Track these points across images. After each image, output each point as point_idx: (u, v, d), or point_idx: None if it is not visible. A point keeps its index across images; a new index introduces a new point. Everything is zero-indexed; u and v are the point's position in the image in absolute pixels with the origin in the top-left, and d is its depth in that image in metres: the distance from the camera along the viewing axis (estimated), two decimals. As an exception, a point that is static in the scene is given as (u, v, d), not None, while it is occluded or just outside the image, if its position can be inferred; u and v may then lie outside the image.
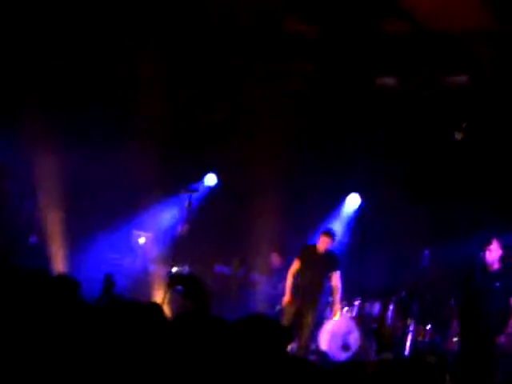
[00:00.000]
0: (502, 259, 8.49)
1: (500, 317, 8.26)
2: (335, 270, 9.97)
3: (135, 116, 11.55)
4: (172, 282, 8.78)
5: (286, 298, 9.85)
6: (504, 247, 8.54)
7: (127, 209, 12.01)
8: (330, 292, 10.44)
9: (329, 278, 10.01)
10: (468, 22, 9.69)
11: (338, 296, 10.00)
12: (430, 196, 11.41)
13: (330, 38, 10.84)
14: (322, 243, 10.04)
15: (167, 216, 12.30)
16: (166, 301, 9.83)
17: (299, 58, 11.01)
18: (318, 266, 9.94)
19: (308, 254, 10.05)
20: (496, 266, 8.49)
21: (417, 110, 11.37)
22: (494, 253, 8.47)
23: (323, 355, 9.97)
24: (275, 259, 11.60)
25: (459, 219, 10.98)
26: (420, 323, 10.03)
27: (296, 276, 9.96)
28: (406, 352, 9.78)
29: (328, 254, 10.06)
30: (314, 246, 10.08)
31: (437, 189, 11.37)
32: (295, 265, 10.03)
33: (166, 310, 9.79)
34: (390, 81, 11.48)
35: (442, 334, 9.75)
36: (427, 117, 11.30)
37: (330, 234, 10.19)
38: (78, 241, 11.38)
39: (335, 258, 10.12)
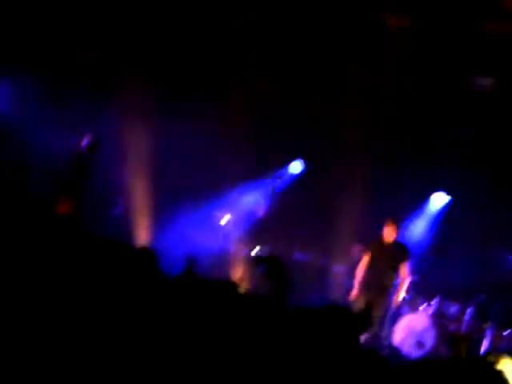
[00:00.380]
0: None
1: None
2: (403, 261, 9.72)
3: (231, 96, 11.61)
4: (257, 260, 8.85)
5: (354, 293, 9.73)
6: None
7: (213, 188, 12.13)
8: (406, 289, 10.36)
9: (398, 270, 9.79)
10: None
11: (403, 286, 9.73)
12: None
13: (429, 33, 10.75)
14: (388, 233, 9.80)
15: (251, 199, 12.36)
16: (247, 278, 9.93)
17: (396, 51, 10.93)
18: (385, 258, 9.72)
19: (376, 247, 9.87)
20: None
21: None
22: None
23: (396, 350, 9.87)
24: (356, 250, 11.51)
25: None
26: (498, 328, 9.84)
27: (365, 270, 9.85)
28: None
29: (396, 244, 9.83)
30: (381, 237, 9.86)
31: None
32: (364, 259, 9.91)
33: (246, 286, 9.88)
34: (486, 81, 11.31)
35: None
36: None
37: (393, 222, 9.91)
38: (162, 215, 11.54)
39: (403, 248, 9.87)
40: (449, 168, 11.44)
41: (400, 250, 9.81)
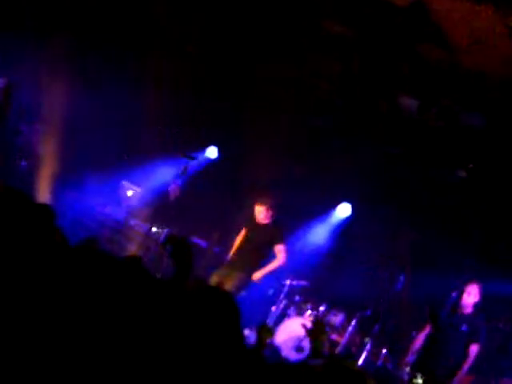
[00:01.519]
0: (476, 305, 8.49)
1: (457, 360, 8.30)
2: (277, 243, 9.52)
3: (151, 66, 11.43)
4: (166, 239, 8.69)
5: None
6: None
7: (123, 158, 11.97)
8: (293, 291, 10.44)
9: (269, 252, 9.59)
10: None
11: (273, 265, 9.54)
12: (418, 223, 11.43)
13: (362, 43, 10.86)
14: (257, 213, 9.60)
15: (160, 176, 12.22)
16: (143, 255, 9.89)
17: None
18: (257, 238, 9.54)
19: (252, 226, 9.66)
20: (469, 310, 8.49)
21: (427, 137, 11.39)
22: (472, 297, 8.45)
23: (275, 351, 9.97)
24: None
25: (443, 254, 11.00)
26: (377, 345, 10.05)
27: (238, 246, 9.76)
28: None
29: (270, 226, 9.61)
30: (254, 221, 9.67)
31: (427, 218, 11.38)
32: (240, 234, 9.81)
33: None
34: (411, 103, 11.49)
35: (395, 361, 9.76)
36: (434, 146, 11.33)
37: (263, 201, 9.61)
38: (69, 177, 11.34)
39: (277, 230, 9.63)
40: (357, 181, 11.60)
41: (273, 232, 9.58)
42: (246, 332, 9.34)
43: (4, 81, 10.83)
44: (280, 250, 9.55)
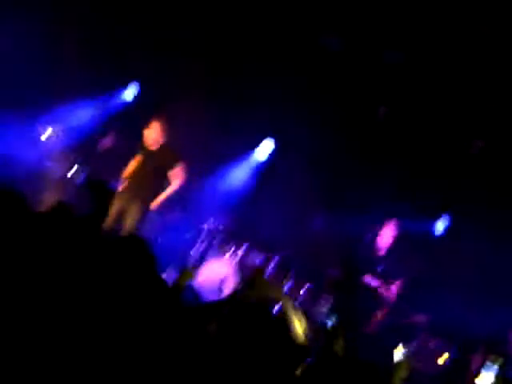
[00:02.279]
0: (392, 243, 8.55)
1: (369, 305, 8.42)
2: (173, 165, 9.08)
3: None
4: (88, 184, 8.43)
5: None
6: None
7: (40, 98, 11.64)
8: (212, 233, 10.41)
9: (165, 177, 9.13)
10: None
11: (168, 190, 9.14)
12: (340, 161, 11.49)
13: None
14: (148, 136, 9.10)
15: (80, 115, 11.95)
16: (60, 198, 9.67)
17: None
18: (151, 164, 9.07)
19: (145, 152, 9.18)
20: (383, 252, 8.57)
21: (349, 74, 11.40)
22: (385, 238, 8.53)
23: (196, 293, 10.00)
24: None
25: (360, 193, 11.10)
26: (297, 284, 10.18)
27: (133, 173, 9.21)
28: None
29: (163, 149, 9.16)
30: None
31: (349, 156, 11.45)
32: (133, 161, 9.25)
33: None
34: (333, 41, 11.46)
35: (313, 300, 9.90)
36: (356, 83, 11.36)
37: (156, 122, 9.13)
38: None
39: (171, 152, 9.18)
40: (277, 121, 11.56)
41: (166, 155, 9.15)
42: (165, 274, 9.32)
43: None
44: (180, 170, 9.12)
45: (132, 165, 9.29)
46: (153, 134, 9.12)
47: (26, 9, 10.91)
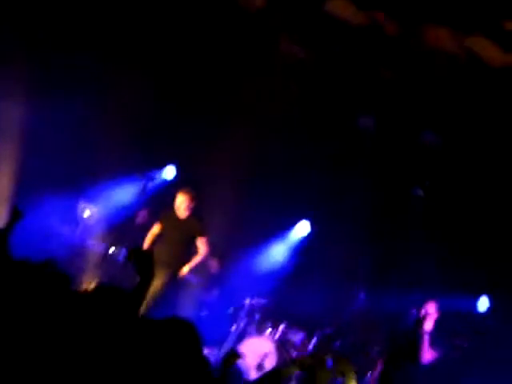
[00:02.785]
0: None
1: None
2: (199, 235, 9.42)
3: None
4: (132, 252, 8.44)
5: None
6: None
7: (81, 177, 11.82)
8: (253, 310, 10.36)
9: (192, 246, 9.46)
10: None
11: (196, 258, 9.50)
12: (380, 240, 11.48)
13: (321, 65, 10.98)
14: (179, 203, 9.40)
15: (118, 195, 12.09)
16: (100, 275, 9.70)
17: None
18: (177, 233, 9.39)
19: (169, 220, 9.47)
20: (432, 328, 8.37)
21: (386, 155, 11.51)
22: (428, 323, 8.35)
23: (235, 368, 9.89)
24: (214, 264, 11.46)
25: (402, 271, 11.04)
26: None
27: (155, 243, 9.53)
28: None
29: (189, 218, 9.45)
30: (174, 210, 9.48)
31: (388, 235, 11.45)
32: (154, 229, 9.58)
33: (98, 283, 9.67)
34: (368, 121, 11.62)
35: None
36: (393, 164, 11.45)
37: (187, 191, 9.48)
38: (24, 197, 11.16)
39: (198, 223, 9.53)
40: (316, 199, 11.63)
41: (194, 225, 9.47)
42: (206, 351, 9.23)
43: None
44: (202, 243, 9.47)
45: (152, 233, 9.55)
46: (185, 201, 9.39)
47: (69, 90, 11.23)
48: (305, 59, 11.23)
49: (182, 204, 9.40)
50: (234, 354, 5.64)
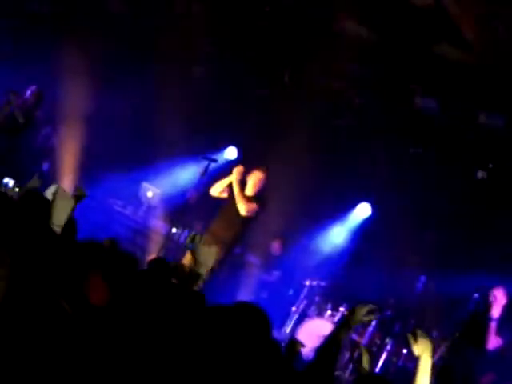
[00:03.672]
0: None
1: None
2: (256, 202, 8.79)
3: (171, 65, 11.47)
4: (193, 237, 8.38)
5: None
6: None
7: (144, 158, 12.02)
8: (313, 291, 10.39)
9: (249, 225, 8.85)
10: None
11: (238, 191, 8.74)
12: (440, 223, 11.41)
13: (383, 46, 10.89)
14: (256, 179, 8.86)
15: (181, 177, 12.24)
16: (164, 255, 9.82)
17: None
18: (236, 208, 8.71)
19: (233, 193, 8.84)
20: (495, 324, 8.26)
21: (447, 138, 11.41)
22: (496, 309, 8.23)
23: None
24: (276, 246, 11.54)
25: (465, 255, 10.95)
26: (398, 345, 10.03)
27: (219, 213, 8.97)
28: (377, 369, 9.81)
29: (255, 198, 8.85)
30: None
31: (448, 218, 11.37)
32: (226, 181, 8.96)
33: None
34: (430, 103, 11.52)
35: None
36: (454, 146, 11.35)
37: (264, 169, 8.99)
38: (88, 177, 11.41)
39: (263, 199, 8.92)
40: (376, 182, 11.60)
41: (257, 199, 8.89)
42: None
43: (35, 88, 11.02)
44: (252, 206, 8.78)
45: (225, 181, 9.09)
46: (263, 179, 9.03)
47: (139, 78, 11.43)
48: (367, 39, 11.12)
49: (259, 180, 8.99)
50: (297, 343, 5.66)
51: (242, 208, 8.70)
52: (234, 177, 8.90)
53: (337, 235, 12.24)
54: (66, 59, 11.01)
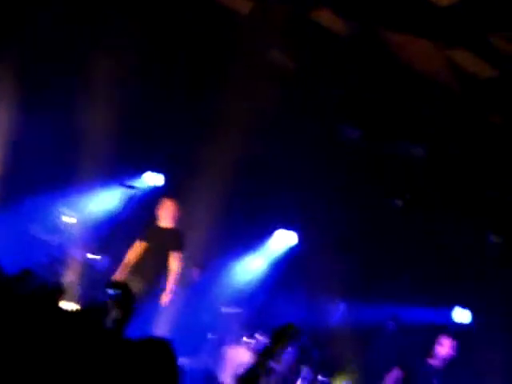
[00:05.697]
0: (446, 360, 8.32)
1: None
2: (174, 249, 9.00)
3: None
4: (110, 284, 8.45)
5: (117, 276, 8.96)
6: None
7: (63, 183, 11.82)
8: (229, 318, 10.31)
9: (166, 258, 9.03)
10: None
11: (171, 278, 9.00)
12: (359, 253, 11.48)
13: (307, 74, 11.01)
14: (166, 210, 9.12)
15: (101, 203, 12.08)
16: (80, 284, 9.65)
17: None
18: (158, 245, 9.03)
19: (152, 232, 9.12)
20: (439, 363, 8.25)
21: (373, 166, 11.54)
22: (445, 349, 8.26)
23: (212, 376, 9.93)
24: (195, 273, 11.46)
25: (379, 284, 11.05)
26: (315, 372, 10.02)
27: (137, 256, 9.15)
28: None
29: (172, 231, 9.12)
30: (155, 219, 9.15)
31: (365, 245, 11.47)
32: (136, 244, 9.15)
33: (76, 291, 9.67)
34: (353, 133, 11.65)
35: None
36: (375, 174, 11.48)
37: (171, 201, 9.22)
38: (4, 203, 11.21)
39: (178, 236, 9.15)
40: (297, 210, 11.64)
41: (173, 238, 9.10)
42: (183, 360, 9.27)
43: None
44: (175, 258, 9.05)
45: (133, 251, 9.24)
46: (173, 209, 9.18)
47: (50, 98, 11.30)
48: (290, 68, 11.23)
49: (167, 212, 9.18)
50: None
51: (176, 275, 9.05)
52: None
53: (256, 262, 12.22)
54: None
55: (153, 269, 9.08)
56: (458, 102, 10.18)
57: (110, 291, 5.59)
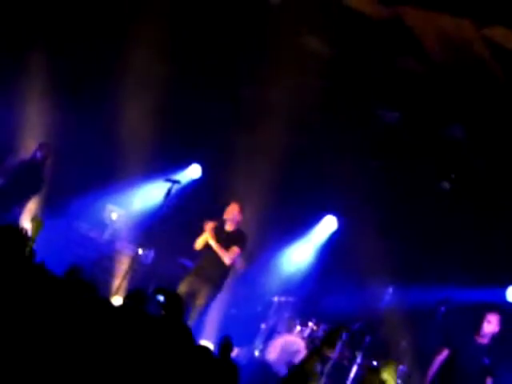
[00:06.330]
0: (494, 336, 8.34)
1: None
2: (236, 246, 9.11)
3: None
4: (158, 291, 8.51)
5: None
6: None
7: (107, 180, 11.93)
8: (282, 307, 10.33)
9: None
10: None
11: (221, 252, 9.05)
12: (407, 236, 11.45)
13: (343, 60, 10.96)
14: (230, 212, 9.24)
15: (144, 197, 12.18)
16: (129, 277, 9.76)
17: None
18: (224, 243, 9.08)
19: (217, 230, 9.16)
20: (487, 340, 8.33)
21: (409, 149, 11.49)
22: (491, 326, 8.28)
23: (266, 366, 9.98)
24: (239, 262, 11.47)
25: (430, 266, 11.03)
26: (368, 358, 10.03)
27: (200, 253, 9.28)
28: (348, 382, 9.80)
29: (234, 232, 9.23)
30: (223, 221, 9.25)
31: (413, 230, 11.43)
32: (202, 237, 9.20)
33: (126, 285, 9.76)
34: (392, 116, 11.60)
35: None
36: (416, 157, 11.42)
37: (238, 200, 9.40)
38: (53, 202, 11.35)
39: (241, 236, 9.26)
40: (344, 194, 11.62)
41: (237, 238, 9.22)
42: (237, 351, 9.36)
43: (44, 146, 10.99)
44: (234, 252, 9.18)
45: (204, 238, 9.28)
46: (237, 211, 9.32)
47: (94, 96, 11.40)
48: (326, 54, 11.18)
49: (232, 213, 9.28)
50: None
51: (226, 259, 9.09)
52: (207, 235, 9.15)
53: (303, 250, 12.23)
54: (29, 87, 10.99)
55: (220, 273, 9.21)
56: (498, 83, 10.08)
57: (159, 298, 5.54)
